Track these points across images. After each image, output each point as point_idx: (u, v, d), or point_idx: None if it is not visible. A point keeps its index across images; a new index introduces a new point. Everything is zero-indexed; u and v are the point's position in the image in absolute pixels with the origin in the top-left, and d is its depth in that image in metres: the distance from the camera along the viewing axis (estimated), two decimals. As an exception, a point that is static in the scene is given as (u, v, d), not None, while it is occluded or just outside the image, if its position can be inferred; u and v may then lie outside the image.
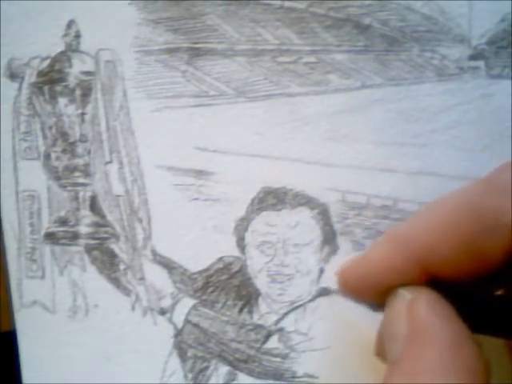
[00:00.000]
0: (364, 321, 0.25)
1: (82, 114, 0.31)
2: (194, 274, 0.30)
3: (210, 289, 0.30)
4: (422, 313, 0.20)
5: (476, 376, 0.18)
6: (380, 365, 0.22)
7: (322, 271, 0.28)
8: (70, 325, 0.32)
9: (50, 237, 0.32)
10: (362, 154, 0.27)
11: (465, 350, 0.19)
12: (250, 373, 0.29)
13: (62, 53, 0.31)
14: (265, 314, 0.29)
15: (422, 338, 0.19)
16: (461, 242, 0.19)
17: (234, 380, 0.30)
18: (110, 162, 0.31)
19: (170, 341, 0.30)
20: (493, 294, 0.21)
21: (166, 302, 0.30)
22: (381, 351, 0.22)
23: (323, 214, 0.28)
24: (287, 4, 0.27)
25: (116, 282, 0.31)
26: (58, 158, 0.31)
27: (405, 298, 0.20)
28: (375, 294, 0.22)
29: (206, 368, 0.30)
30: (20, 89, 0.32)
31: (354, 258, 0.22)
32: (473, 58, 0.26)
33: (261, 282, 0.29)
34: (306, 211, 0.28)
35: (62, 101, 0.31)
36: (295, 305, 0.28)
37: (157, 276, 0.30)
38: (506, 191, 0.19)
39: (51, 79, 0.31)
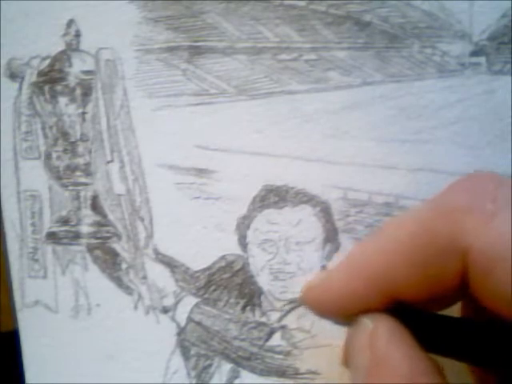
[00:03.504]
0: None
1: (83, 113, 0.31)
2: (197, 272, 0.30)
3: (213, 287, 0.30)
4: (382, 344, 0.20)
5: None
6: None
7: (324, 269, 0.28)
8: (73, 324, 0.32)
9: (52, 236, 0.32)
10: (364, 151, 0.27)
11: (424, 382, 0.19)
12: (253, 370, 0.29)
13: (62, 52, 0.31)
14: (267, 311, 0.29)
15: (382, 370, 0.19)
16: (416, 268, 0.20)
17: (237, 377, 0.30)
18: (111, 161, 0.31)
19: (172, 339, 0.30)
20: (454, 317, 0.21)
21: (169, 301, 0.30)
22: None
23: (325, 211, 0.28)
24: (287, 2, 0.27)
25: (118, 281, 0.31)
26: (59, 158, 0.31)
27: (366, 327, 0.21)
28: (339, 315, 0.22)
29: (209, 366, 0.30)
30: (20, 89, 0.32)
31: (319, 276, 0.22)
32: (474, 54, 0.26)
33: (263, 280, 0.29)
34: (307, 209, 0.28)
35: (63, 100, 0.31)
36: (298, 302, 0.28)
37: (159, 275, 0.30)
38: (456, 214, 0.19)
39: (51, 79, 0.31)
